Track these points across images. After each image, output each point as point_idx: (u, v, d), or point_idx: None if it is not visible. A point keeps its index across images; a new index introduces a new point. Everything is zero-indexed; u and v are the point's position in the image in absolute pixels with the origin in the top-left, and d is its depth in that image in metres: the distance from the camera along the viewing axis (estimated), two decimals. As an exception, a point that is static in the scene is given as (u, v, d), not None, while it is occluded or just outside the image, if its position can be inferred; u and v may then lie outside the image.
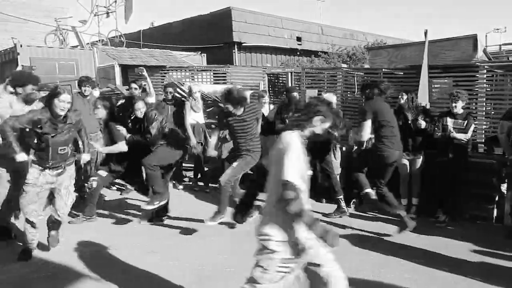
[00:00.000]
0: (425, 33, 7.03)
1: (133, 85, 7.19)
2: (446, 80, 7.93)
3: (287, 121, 6.74)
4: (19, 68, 10.44)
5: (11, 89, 4.71)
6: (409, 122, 5.81)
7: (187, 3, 76.43)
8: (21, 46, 10.93)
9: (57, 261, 4.21)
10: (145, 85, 7.60)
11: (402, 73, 8.61)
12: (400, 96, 6.10)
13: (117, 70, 11.30)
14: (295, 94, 6.93)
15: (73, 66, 11.68)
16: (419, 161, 5.81)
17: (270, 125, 6.53)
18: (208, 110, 8.94)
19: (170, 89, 7.31)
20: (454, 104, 5.44)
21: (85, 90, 6.62)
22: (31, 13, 13.93)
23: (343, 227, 5.41)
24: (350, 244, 4.76)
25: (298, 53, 20.23)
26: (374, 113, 4.96)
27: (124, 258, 4.31)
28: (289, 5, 66.85)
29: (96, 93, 7.46)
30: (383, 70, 8.78)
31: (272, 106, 7.58)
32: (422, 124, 5.66)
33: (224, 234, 5.09)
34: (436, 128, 5.59)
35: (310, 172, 2.83)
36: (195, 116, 7.16)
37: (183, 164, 7.79)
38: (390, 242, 4.86)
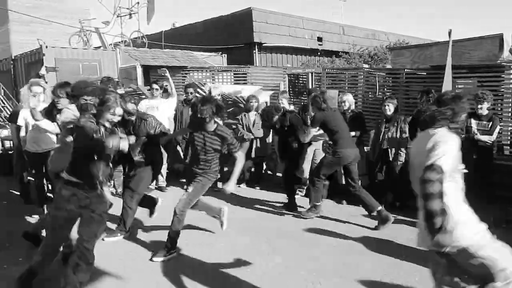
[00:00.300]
0: (449, 33, 6.90)
1: (154, 86, 7.27)
2: (470, 81, 7.77)
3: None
4: (43, 69, 10.69)
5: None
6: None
7: (208, 4, 76.93)
8: (46, 47, 11.16)
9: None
10: (166, 85, 7.68)
11: (425, 74, 8.47)
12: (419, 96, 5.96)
13: (139, 70, 11.42)
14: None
15: (96, 66, 11.88)
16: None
17: (291, 127, 6.53)
18: (228, 110, 8.98)
19: (190, 90, 7.37)
20: (479, 106, 5.33)
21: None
22: (55, 15, 14.22)
23: (365, 229, 5.36)
24: (371, 246, 4.71)
25: (318, 53, 20.13)
26: (322, 123, 5.45)
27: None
28: (309, 5, 66.52)
29: (121, 91, 7.56)
30: (406, 70, 8.65)
31: (292, 107, 7.55)
32: None
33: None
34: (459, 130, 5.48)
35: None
36: None
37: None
38: (410, 244, 4.78)
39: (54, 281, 3.80)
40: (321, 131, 5.79)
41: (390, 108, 6.08)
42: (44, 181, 5.85)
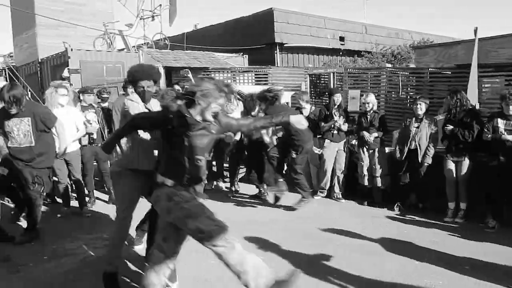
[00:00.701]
0: (475, 31, 6.75)
1: (176, 87, 7.34)
2: (497, 80, 7.58)
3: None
4: (65, 71, 10.92)
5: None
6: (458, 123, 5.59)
7: (229, 5, 77.32)
8: (71, 50, 11.40)
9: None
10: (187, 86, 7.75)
11: (450, 73, 8.31)
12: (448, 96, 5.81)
13: (162, 72, 11.56)
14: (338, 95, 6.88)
15: (119, 68, 12.07)
16: (465, 164, 5.56)
17: (313, 127, 6.52)
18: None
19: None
20: (507, 106, 5.17)
21: (131, 92, 6.80)
22: (80, 18, 14.49)
23: (387, 230, 5.28)
24: (394, 249, 4.63)
25: (340, 53, 19.96)
26: None
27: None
28: (331, 3, 66.01)
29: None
30: (430, 69, 8.50)
31: (313, 107, 7.50)
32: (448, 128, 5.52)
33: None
34: (485, 130, 5.35)
35: None
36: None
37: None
38: (434, 246, 4.69)
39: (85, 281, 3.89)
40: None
41: (422, 108, 5.96)
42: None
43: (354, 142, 7.06)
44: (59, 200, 6.30)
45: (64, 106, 5.57)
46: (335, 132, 6.76)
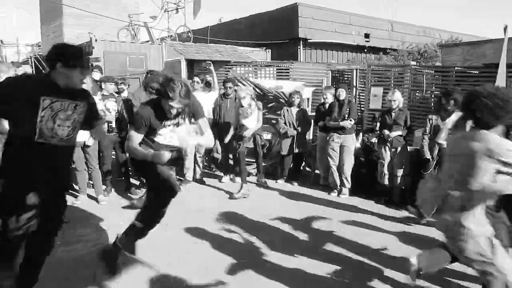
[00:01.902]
0: (505, 29, 6.48)
1: (196, 79, 7.34)
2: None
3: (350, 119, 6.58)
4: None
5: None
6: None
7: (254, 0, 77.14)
8: (95, 40, 11.53)
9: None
10: (209, 79, 7.72)
11: (477, 72, 8.05)
12: None
13: (183, 64, 11.58)
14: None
15: (142, 60, 12.17)
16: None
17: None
18: (269, 105, 8.92)
19: (229, 84, 7.35)
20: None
21: None
22: (106, 8, 14.67)
23: (403, 231, 5.14)
24: (411, 252, 4.51)
25: (365, 50, 19.66)
26: None
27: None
28: (358, 1, 65.16)
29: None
30: (456, 68, 8.26)
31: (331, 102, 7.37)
32: None
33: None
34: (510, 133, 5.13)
35: None
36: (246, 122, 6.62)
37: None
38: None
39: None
40: None
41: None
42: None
43: (374, 140, 6.91)
44: (76, 187, 6.37)
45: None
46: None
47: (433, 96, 8.53)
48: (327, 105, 7.03)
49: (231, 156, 7.51)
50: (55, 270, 3.81)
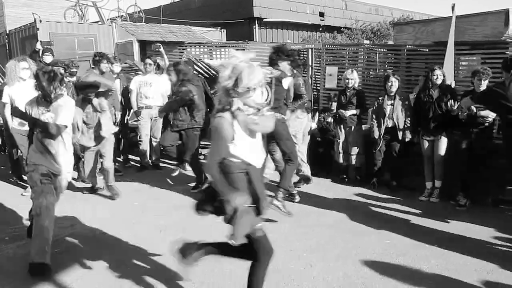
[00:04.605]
0: (453, 8, 6.64)
1: (148, 61, 7.11)
2: (474, 58, 7.55)
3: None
4: (38, 44, 10.47)
5: None
6: (433, 101, 5.51)
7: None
8: (40, 21, 10.91)
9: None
10: (160, 62, 7.50)
11: (427, 50, 8.24)
12: (435, 74, 5.48)
13: (136, 46, 11.20)
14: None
15: (92, 41, 11.64)
16: (442, 142, 5.54)
17: None
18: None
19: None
20: (479, 82, 5.12)
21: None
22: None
23: (364, 209, 5.26)
24: (369, 227, 4.62)
25: (320, 29, 19.73)
26: None
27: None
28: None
29: (117, 68, 7.40)
30: (407, 46, 8.42)
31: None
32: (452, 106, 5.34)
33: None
34: (461, 108, 5.31)
35: None
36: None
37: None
38: (408, 225, 4.70)
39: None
40: None
41: (394, 85, 5.90)
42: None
43: (330, 119, 6.98)
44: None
45: (26, 80, 5.30)
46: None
47: (385, 74, 8.67)
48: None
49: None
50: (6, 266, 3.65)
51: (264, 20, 17.89)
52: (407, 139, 5.85)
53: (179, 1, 20.64)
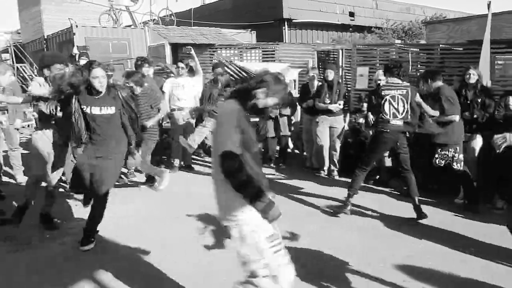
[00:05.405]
0: (488, 6, 6.50)
1: (180, 64, 7.23)
2: (511, 56, 7.35)
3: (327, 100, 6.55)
4: (74, 48, 10.83)
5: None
6: (469, 101, 5.39)
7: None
8: (76, 26, 11.28)
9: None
10: (192, 64, 7.61)
11: (462, 49, 8.07)
12: (470, 74, 5.36)
13: (168, 48, 11.42)
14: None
15: (125, 45, 11.95)
16: (477, 143, 5.41)
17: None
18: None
19: (219, 70, 7.27)
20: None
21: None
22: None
23: (398, 211, 5.21)
24: (402, 229, 4.57)
25: (350, 29, 19.56)
26: None
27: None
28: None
29: (150, 70, 7.56)
30: (440, 45, 8.27)
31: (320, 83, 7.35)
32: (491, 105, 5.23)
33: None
34: (498, 108, 5.18)
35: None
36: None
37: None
38: (443, 228, 4.61)
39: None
40: None
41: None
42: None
43: (361, 120, 6.92)
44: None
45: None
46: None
47: (418, 74, 8.54)
48: (312, 87, 7.01)
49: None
50: (45, 262, 3.80)
51: (294, 21, 17.87)
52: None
53: (210, 3, 20.89)
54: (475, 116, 5.35)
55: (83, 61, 7.48)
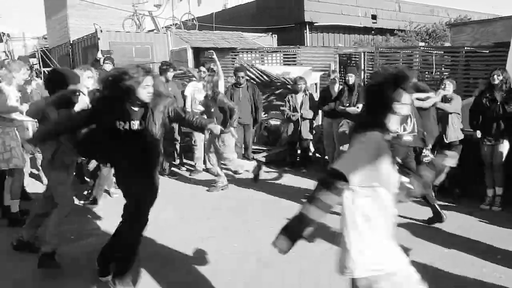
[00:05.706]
0: (516, 6, 6.35)
1: (202, 68, 7.30)
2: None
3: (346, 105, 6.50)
4: (99, 53, 11.03)
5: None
6: (498, 104, 5.26)
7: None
8: (101, 31, 11.49)
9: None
10: (214, 68, 7.67)
11: (488, 52, 7.91)
12: (494, 75, 5.27)
13: (190, 52, 11.53)
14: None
15: (148, 49, 12.12)
16: (504, 147, 5.28)
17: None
18: (277, 92, 8.87)
19: (241, 74, 7.31)
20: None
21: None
22: (110, -1, 14.59)
23: (424, 216, 5.12)
24: (427, 235, 4.49)
25: (372, 32, 19.37)
26: None
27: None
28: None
29: (171, 74, 7.66)
30: (465, 48, 8.12)
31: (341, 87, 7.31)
32: None
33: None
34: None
35: None
36: None
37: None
38: (469, 235, 4.51)
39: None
40: None
41: (449, 89, 5.72)
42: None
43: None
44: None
45: (90, 88, 5.60)
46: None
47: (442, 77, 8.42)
48: (333, 90, 6.99)
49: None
50: (67, 263, 3.87)
51: (315, 24, 17.81)
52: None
53: (231, 8, 21.01)
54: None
55: (107, 66, 7.63)
